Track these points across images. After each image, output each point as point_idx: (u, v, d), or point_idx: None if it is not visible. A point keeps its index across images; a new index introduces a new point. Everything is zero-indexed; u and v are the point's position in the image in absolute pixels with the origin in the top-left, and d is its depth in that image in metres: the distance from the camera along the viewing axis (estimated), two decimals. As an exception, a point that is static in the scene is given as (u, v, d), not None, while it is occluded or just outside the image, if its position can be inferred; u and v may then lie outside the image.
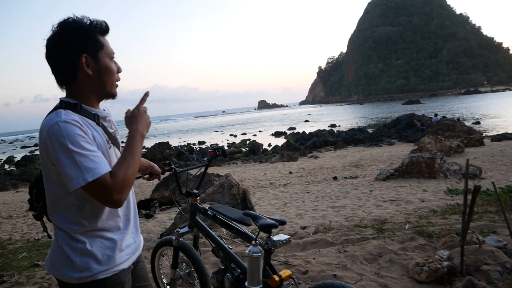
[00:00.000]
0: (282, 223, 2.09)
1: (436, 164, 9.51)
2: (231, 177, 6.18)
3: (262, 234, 2.03)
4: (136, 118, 1.51)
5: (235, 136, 51.86)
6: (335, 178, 11.18)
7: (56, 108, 1.41)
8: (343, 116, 77.66)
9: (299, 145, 28.94)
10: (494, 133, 25.50)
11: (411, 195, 7.25)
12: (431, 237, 3.88)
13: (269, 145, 34.58)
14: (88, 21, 1.43)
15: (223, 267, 2.51)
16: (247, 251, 1.98)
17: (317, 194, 8.45)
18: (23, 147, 68.10)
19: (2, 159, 44.77)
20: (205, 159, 2.87)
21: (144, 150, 36.18)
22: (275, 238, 2.03)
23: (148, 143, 44.25)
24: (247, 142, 40.93)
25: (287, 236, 2.06)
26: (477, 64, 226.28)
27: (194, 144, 42.60)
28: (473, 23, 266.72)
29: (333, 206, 6.78)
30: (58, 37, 1.40)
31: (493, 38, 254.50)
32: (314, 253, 3.82)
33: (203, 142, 45.05)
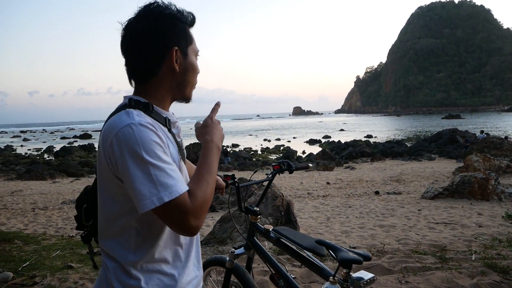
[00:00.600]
0: (367, 258, 1.78)
1: (490, 185, 8.86)
2: (274, 186, 5.89)
3: (340, 268, 1.74)
4: (210, 128, 1.26)
5: (269, 141, 51.66)
6: (377, 192, 10.69)
7: (123, 106, 1.14)
8: (380, 127, 75.98)
9: (334, 154, 28.34)
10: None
11: (466, 218, 6.70)
12: (506, 273, 3.44)
13: (303, 152, 34.15)
14: (177, 10, 1.21)
15: (282, 298, 2.23)
16: None
17: (360, 209, 8.02)
18: (63, 138, 70.74)
19: (42, 148, 46.48)
20: (268, 173, 2.56)
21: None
22: (356, 275, 1.73)
23: (185, 142, 44.91)
24: (281, 148, 40.63)
25: (371, 275, 1.74)
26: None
27: (228, 146, 42.66)
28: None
29: (381, 225, 6.34)
30: (147, 22, 1.16)
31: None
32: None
33: (237, 145, 45.09)
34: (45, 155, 38.72)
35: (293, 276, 2.22)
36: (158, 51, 1.17)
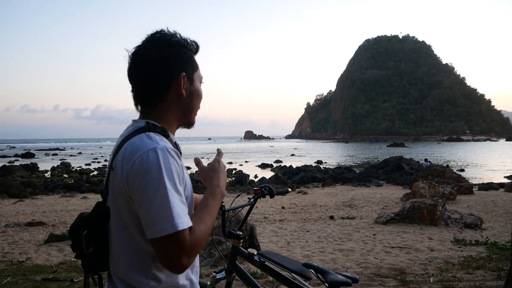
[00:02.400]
0: (355, 281, 1.84)
1: (438, 211, 9.36)
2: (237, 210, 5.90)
3: None
4: (218, 173, 1.29)
5: (222, 164, 51.39)
6: (331, 217, 10.93)
7: (141, 129, 1.14)
8: (329, 153, 78.17)
9: (286, 179, 28.72)
10: (478, 181, 25.80)
11: (418, 243, 7.02)
12: (464, 295, 3.64)
13: (256, 176, 34.27)
14: (183, 38, 1.26)
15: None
16: None
17: (318, 233, 8.16)
18: (3, 156, 66.30)
19: (-21, 169, 43.36)
20: (251, 197, 2.58)
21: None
22: None
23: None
24: (233, 171, 40.54)
25: None
26: (460, 113, 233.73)
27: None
28: (457, 73, 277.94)
29: (340, 249, 6.49)
30: (156, 50, 1.19)
31: (476, 89, 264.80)
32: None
33: (188, 168, 44.48)
34: (-18, 176, 36.18)
35: None
36: (167, 77, 1.20)
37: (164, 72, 1.19)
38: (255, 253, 2.28)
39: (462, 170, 36.39)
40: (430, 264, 5.25)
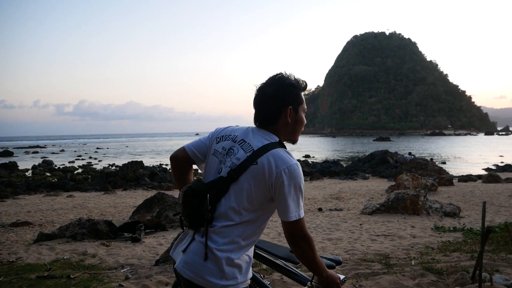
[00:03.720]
0: (338, 263, 2.07)
1: (420, 201, 9.82)
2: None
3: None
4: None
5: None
6: (320, 209, 11.32)
7: (277, 144, 1.67)
8: (317, 148, 78.79)
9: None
10: (458, 173, 26.59)
11: (402, 231, 7.45)
12: (440, 274, 4.03)
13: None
14: (294, 79, 1.75)
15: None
16: None
17: (307, 225, 8.45)
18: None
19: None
20: None
21: (114, 168, 35.45)
22: None
23: (120, 161, 43.45)
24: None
25: (343, 276, 1.95)
26: (443, 108, 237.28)
27: (167, 165, 42.05)
28: (441, 70, 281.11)
29: (329, 238, 6.87)
30: (273, 88, 1.71)
31: (457, 86, 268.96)
32: (329, 284, 3.87)
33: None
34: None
35: (267, 283, 2.43)
36: (279, 108, 1.70)
37: (277, 105, 1.70)
38: None
39: (444, 163, 37.26)
40: (412, 249, 5.66)
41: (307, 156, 50.06)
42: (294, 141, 1.81)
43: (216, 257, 1.57)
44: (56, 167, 38.06)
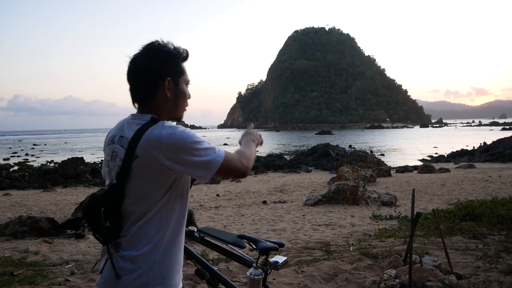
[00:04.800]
0: (281, 245, 2.20)
1: (359, 192, 10.30)
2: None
3: (260, 256, 2.13)
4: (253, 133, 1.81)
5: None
6: (264, 202, 11.51)
7: (151, 122, 1.41)
8: (261, 142, 79.59)
9: (220, 168, 29.05)
10: (396, 164, 28.08)
11: (342, 220, 7.79)
12: (376, 258, 4.28)
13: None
14: (173, 47, 1.51)
15: (210, 289, 2.54)
16: (248, 274, 2.03)
17: (252, 217, 8.66)
18: None
19: None
20: None
21: (53, 165, 33.79)
22: (274, 260, 2.11)
23: (59, 157, 41.37)
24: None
25: (285, 258, 2.12)
26: (381, 102, 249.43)
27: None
28: (378, 65, 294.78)
29: (273, 229, 7.03)
30: (146, 58, 1.47)
31: (394, 80, 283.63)
32: (272, 274, 3.97)
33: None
34: None
35: (216, 268, 2.55)
36: (155, 81, 1.47)
37: (152, 78, 1.46)
38: (195, 229, 2.59)
39: (383, 155, 39.17)
40: (351, 237, 5.95)
41: (251, 150, 50.46)
42: (179, 118, 1.58)
43: (130, 269, 1.38)
44: None
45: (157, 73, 1.47)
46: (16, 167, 34.19)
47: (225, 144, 71.41)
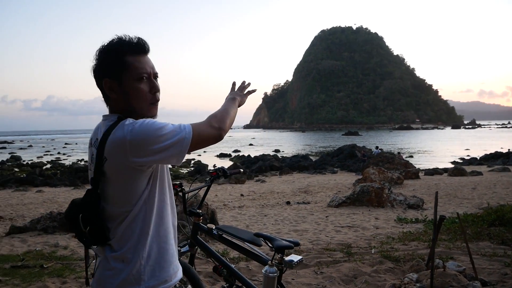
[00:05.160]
0: (297, 244, 2.23)
1: (384, 194, 10.13)
2: (199, 196, 6.21)
3: (276, 254, 2.15)
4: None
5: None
6: (288, 202, 11.48)
7: (116, 122, 1.36)
8: (287, 142, 79.50)
9: (245, 168, 29.19)
10: (426, 167, 27.40)
11: (366, 222, 7.67)
12: (398, 261, 4.20)
13: (214, 166, 34.50)
14: (116, 41, 1.40)
15: (226, 285, 2.58)
16: (263, 271, 2.07)
17: (275, 217, 8.65)
18: None
19: None
20: (207, 179, 2.94)
21: (83, 163, 34.80)
22: (288, 258, 2.13)
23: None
24: (192, 162, 40.47)
25: (300, 257, 2.16)
26: (410, 103, 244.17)
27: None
28: (408, 64, 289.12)
29: (295, 229, 7.00)
30: (95, 59, 1.42)
31: (424, 80, 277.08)
32: (292, 274, 3.98)
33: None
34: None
35: (233, 266, 2.60)
36: (98, 84, 1.43)
37: (96, 79, 1.43)
38: (214, 227, 2.64)
39: (411, 157, 38.39)
40: (373, 239, 5.86)
41: (276, 150, 50.51)
42: (143, 116, 1.41)
43: (121, 268, 1.38)
44: (25, 163, 37.68)
45: (97, 75, 1.42)
46: (48, 165, 35.53)
47: (250, 145, 71.65)
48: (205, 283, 3.63)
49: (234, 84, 1.78)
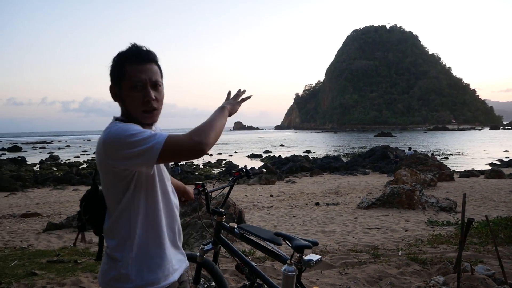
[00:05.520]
0: (315, 244, 2.26)
1: (416, 196, 9.94)
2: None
3: (295, 253, 2.20)
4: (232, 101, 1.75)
5: (211, 155, 51.67)
6: (317, 204, 11.45)
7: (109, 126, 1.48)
8: (318, 143, 78.89)
9: (275, 168, 29.22)
10: (461, 169, 26.55)
11: (395, 224, 7.58)
12: (425, 264, 4.16)
13: (245, 166, 34.64)
14: (123, 50, 1.50)
15: (248, 283, 2.65)
16: (282, 270, 2.11)
17: (303, 218, 8.67)
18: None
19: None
20: (230, 179, 3.02)
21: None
22: (307, 257, 2.17)
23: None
24: (223, 162, 40.89)
25: (318, 256, 2.20)
26: (446, 103, 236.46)
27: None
28: (444, 63, 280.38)
29: (323, 230, 7.01)
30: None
31: (461, 79, 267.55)
32: (317, 274, 4.02)
33: (179, 159, 44.48)
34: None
35: (255, 264, 2.67)
36: (110, 86, 1.55)
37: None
38: (236, 226, 2.71)
39: (446, 158, 37.29)
40: (402, 241, 5.80)
41: (308, 151, 50.23)
42: (139, 122, 1.48)
43: (114, 260, 1.49)
44: (63, 162, 39.49)
45: (111, 80, 1.54)
46: (85, 165, 36.80)
47: (281, 145, 71.57)
48: (230, 281, 3.74)
49: (229, 93, 1.81)
